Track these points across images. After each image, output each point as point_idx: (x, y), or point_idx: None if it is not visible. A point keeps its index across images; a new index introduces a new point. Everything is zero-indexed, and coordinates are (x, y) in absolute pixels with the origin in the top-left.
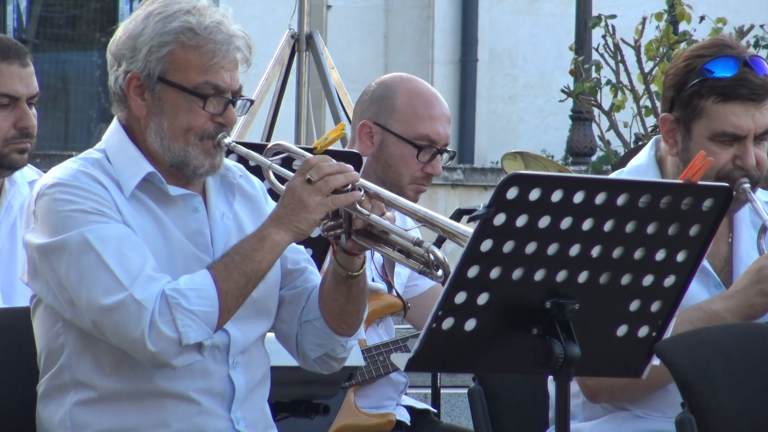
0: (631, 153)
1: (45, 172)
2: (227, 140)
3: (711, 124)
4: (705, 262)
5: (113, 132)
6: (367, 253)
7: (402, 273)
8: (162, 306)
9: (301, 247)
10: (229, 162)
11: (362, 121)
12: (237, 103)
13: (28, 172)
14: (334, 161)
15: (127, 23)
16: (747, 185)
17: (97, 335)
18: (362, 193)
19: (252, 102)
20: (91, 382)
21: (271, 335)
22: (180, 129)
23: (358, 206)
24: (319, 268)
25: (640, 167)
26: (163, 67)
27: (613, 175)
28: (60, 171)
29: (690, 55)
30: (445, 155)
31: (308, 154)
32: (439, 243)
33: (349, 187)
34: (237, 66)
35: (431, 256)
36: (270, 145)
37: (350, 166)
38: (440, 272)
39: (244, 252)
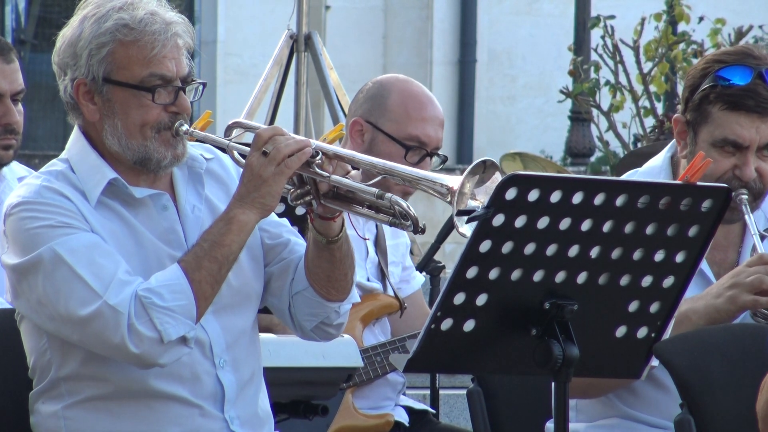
0: (631, 155)
1: None
2: (184, 128)
3: (715, 131)
4: (708, 270)
5: (74, 141)
6: (362, 252)
7: (394, 272)
8: (137, 308)
9: (283, 220)
10: (195, 151)
11: (354, 118)
12: (187, 90)
13: (18, 168)
14: (283, 130)
15: (65, 31)
16: (744, 196)
17: (83, 347)
18: (320, 155)
19: (204, 85)
20: (83, 389)
21: (270, 336)
22: (134, 126)
23: (317, 169)
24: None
25: (654, 168)
26: (106, 68)
27: (627, 175)
28: (24, 189)
29: (710, 59)
30: (436, 159)
31: (263, 127)
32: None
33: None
34: (180, 52)
35: (397, 207)
36: (229, 123)
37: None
38: (409, 222)
39: (212, 238)
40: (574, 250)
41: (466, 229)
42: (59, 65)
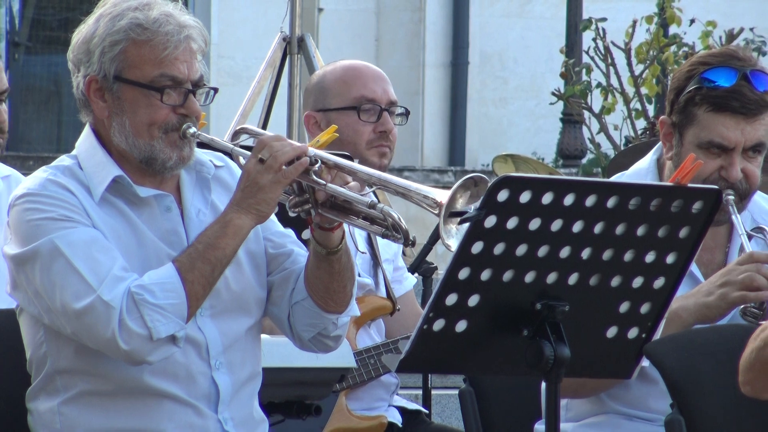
0: (621, 155)
1: None
2: (192, 130)
3: (700, 133)
4: (696, 271)
5: (84, 138)
6: (353, 249)
7: (387, 270)
8: (129, 304)
9: (289, 231)
10: (204, 156)
11: (305, 114)
12: (198, 93)
13: (1, 167)
14: (283, 137)
15: (81, 28)
16: (731, 197)
17: (78, 341)
18: (319, 163)
19: (216, 90)
20: (78, 384)
21: (263, 336)
22: (142, 125)
23: (315, 177)
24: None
25: (641, 170)
26: (117, 65)
27: (615, 178)
28: (30, 181)
29: (695, 61)
30: (397, 114)
31: (269, 134)
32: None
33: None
34: (193, 56)
35: (389, 219)
36: (236, 129)
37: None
38: (400, 234)
39: (207, 240)
40: (565, 252)
41: (452, 242)
42: (73, 62)
